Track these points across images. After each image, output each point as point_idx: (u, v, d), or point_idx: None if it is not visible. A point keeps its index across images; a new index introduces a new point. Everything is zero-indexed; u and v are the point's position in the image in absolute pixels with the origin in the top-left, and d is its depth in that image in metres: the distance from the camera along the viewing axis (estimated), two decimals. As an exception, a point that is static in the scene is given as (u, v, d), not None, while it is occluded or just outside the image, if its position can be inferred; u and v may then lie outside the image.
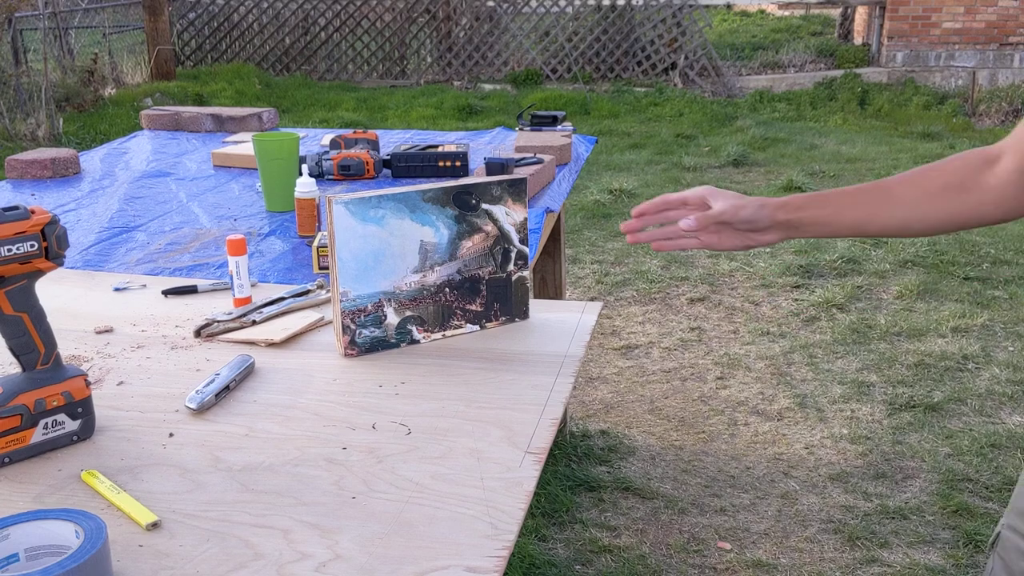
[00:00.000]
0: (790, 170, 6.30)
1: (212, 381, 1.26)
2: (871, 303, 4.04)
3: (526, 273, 1.38)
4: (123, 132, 5.70)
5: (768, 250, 4.70)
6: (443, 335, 1.37)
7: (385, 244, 1.28)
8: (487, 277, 1.36)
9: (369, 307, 1.30)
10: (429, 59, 10.32)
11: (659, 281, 4.36)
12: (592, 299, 4.19)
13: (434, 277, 1.32)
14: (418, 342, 1.36)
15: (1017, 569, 1.11)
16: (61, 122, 7.45)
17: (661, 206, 1.22)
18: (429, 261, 1.31)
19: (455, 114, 8.20)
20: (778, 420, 3.11)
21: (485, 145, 2.94)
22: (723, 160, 6.68)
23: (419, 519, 0.97)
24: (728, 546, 2.48)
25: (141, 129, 3.28)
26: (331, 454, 1.10)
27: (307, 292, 1.59)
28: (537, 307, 1.54)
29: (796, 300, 4.10)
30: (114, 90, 8.95)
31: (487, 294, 1.37)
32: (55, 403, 1.10)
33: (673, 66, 9.50)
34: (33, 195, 2.40)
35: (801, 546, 2.47)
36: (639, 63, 9.61)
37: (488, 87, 9.54)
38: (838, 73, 9.21)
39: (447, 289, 1.34)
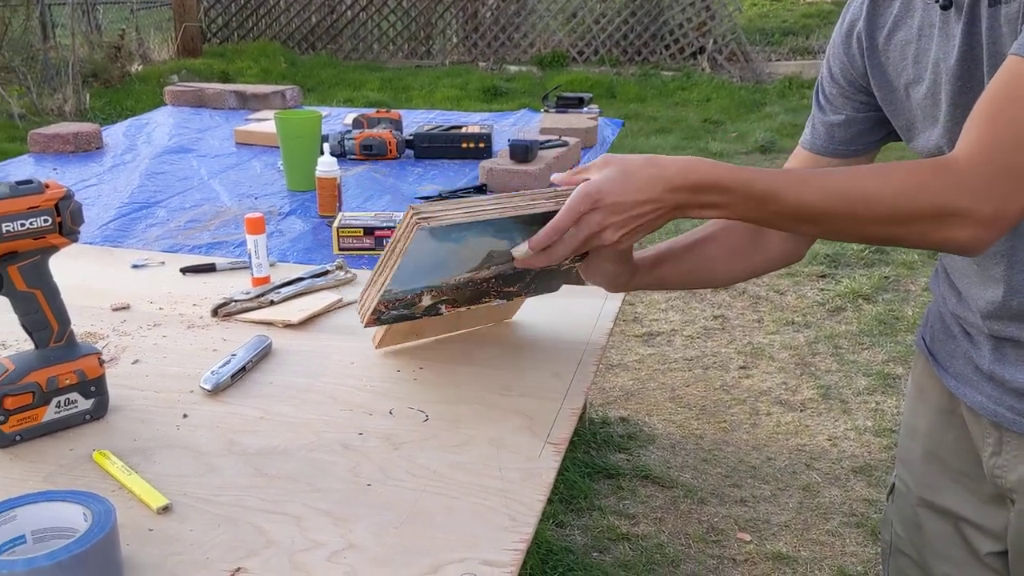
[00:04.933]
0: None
1: (228, 362, 1.24)
2: (899, 294, 3.98)
3: (578, 263, 1.27)
4: (149, 108, 5.68)
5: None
6: (468, 308, 1.30)
7: (453, 255, 1.15)
8: (538, 269, 1.22)
9: (408, 296, 1.20)
10: (455, 39, 10.26)
11: (683, 268, 4.31)
12: (615, 284, 4.15)
13: (487, 273, 1.21)
14: (441, 313, 1.29)
15: (906, 515, 1.20)
16: (88, 98, 7.47)
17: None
18: (489, 263, 1.20)
19: (480, 95, 8.14)
20: (801, 411, 3.06)
21: (510, 127, 2.90)
22: (750, 146, 6.60)
23: (436, 509, 0.95)
24: (748, 537, 2.45)
25: (165, 105, 3.27)
26: (347, 439, 1.08)
27: (326, 273, 1.57)
28: (560, 292, 1.50)
29: (822, 290, 4.04)
30: (141, 67, 8.97)
31: (530, 279, 1.28)
32: (68, 381, 1.08)
33: (701, 50, 9.39)
34: (55, 169, 2.39)
35: (822, 539, 2.43)
36: (667, 47, 9.50)
37: (513, 69, 9.48)
38: (869, 60, 9.07)
39: (494, 279, 1.24)
